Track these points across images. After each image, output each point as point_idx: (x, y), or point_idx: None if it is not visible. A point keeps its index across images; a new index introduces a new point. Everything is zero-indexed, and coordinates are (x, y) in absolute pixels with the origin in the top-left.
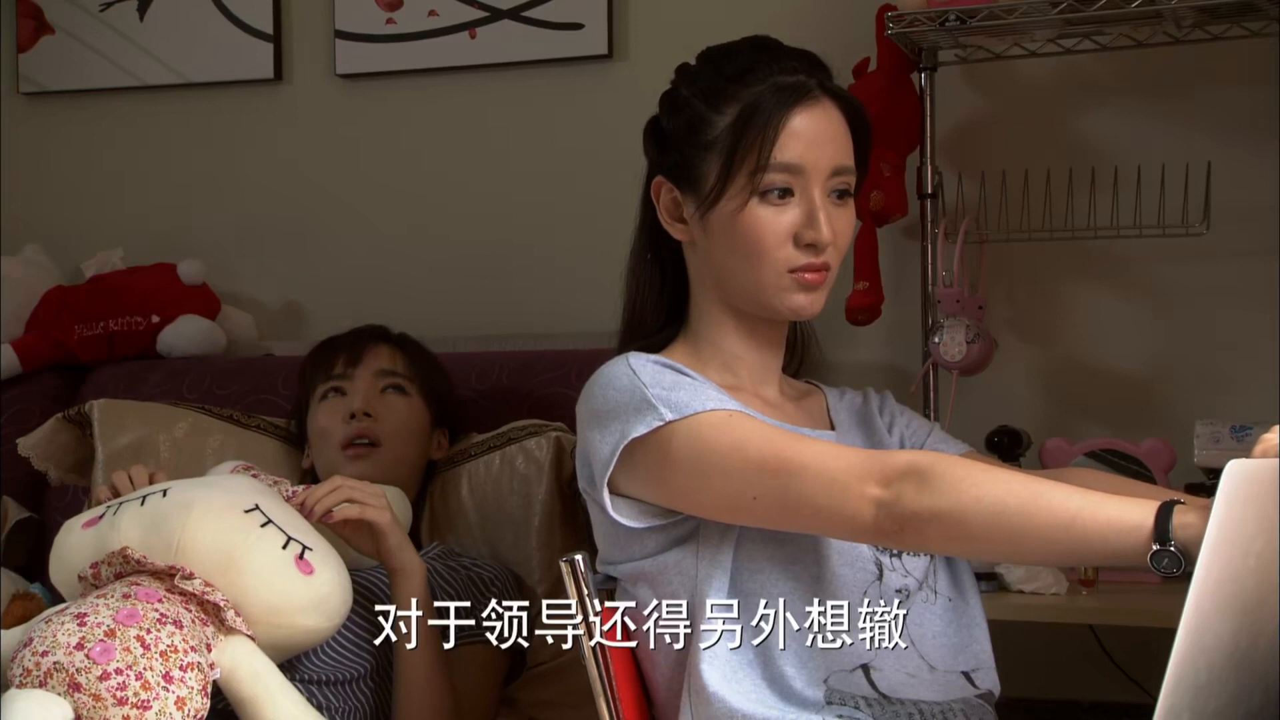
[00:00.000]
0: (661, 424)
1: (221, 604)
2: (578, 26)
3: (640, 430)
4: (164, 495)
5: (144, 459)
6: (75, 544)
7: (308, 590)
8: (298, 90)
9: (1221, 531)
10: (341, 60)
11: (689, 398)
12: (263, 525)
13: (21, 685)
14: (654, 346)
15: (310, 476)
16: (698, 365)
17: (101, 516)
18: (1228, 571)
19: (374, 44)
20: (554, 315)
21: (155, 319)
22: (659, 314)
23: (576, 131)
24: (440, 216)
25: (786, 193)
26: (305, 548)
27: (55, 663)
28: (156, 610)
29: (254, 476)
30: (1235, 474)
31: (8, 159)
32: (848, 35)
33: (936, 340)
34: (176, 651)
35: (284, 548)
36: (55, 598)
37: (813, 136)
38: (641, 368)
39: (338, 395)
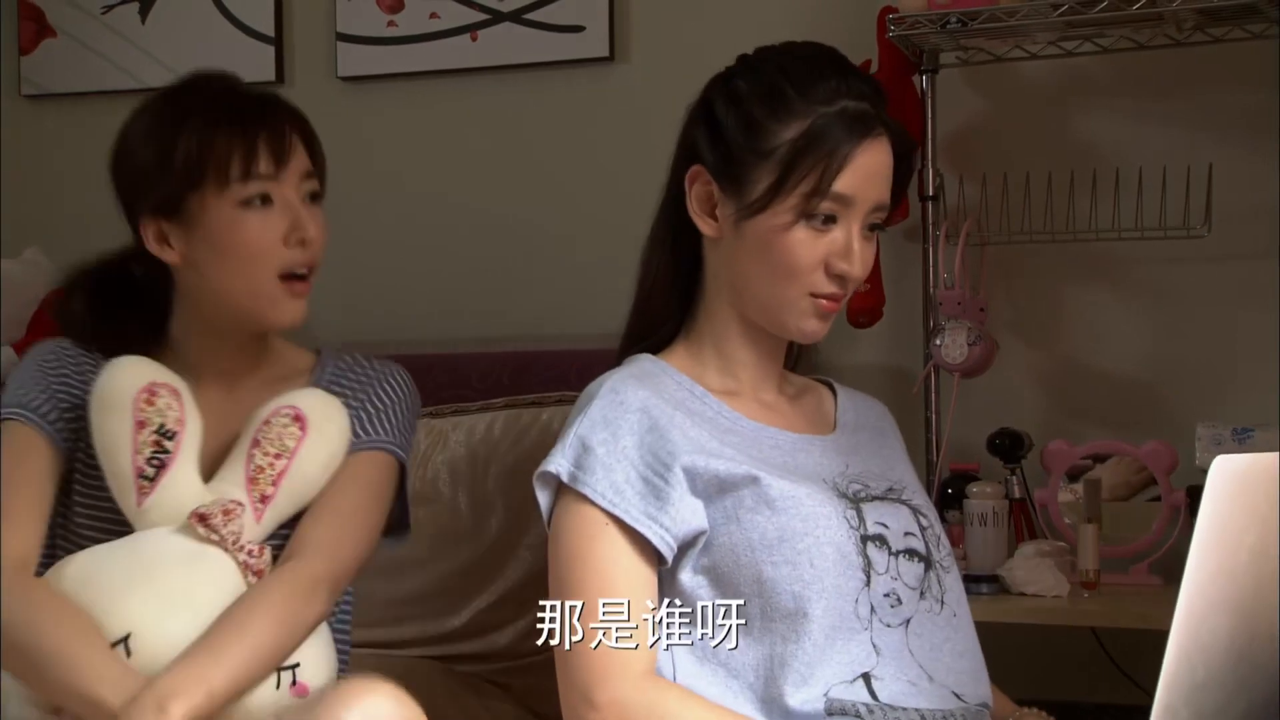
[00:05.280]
0: (557, 475)
1: None
2: (579, 29)
3: (548, 466)
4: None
5: None
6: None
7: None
8: (299, 92)
9: (1211, 528)
10: (343, 63)
11: (588, 471)
12: None
13: None
14: (655, 345)
15: (191, 330)
16: (697, 368)
17: None
18: (1221, 568)
19: (375, 46)
20: (554, 317)
21: None
22: (670, 304)
23: (577, 134)
24: (440, 218)
25: (830, 220)
26: (294, 667)
27: None
28: None
29: (213, 539)
30: (1223, 470)
31: (9, 161)
32: (848, 37)
33: (938, 342)
34: None
35: (277, 688)
36: None
37: (868, 170)
38: (602, 401)
39: (264, 204)
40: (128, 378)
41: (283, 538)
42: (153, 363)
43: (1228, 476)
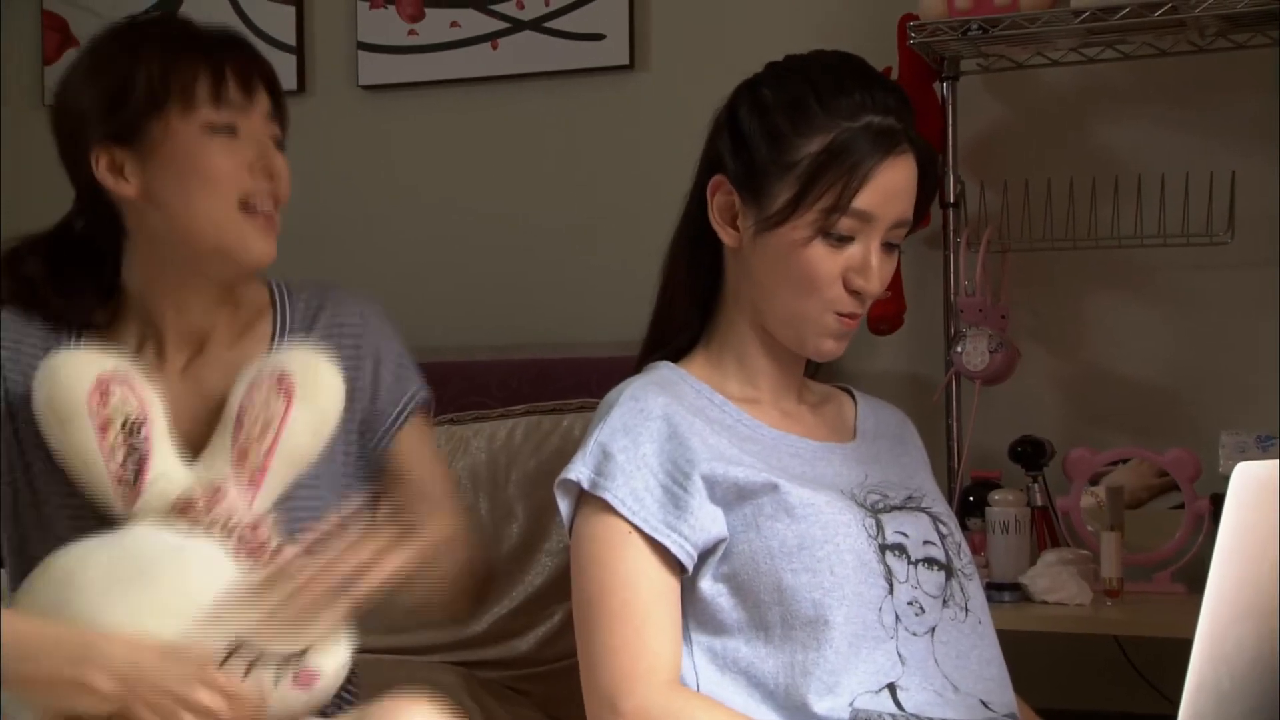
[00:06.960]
0: (578, 482)
1: None
2: (599, 37)
3: (569, 474)
4: None
5: None
6: None
7: (311, 698)
8: (320, 101)
9: (1234, 536)
10: (364, 71)
11: (609, 478)
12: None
13: None
14: (675, 353)
15: (150, 285)
16: (717, 377)
17: None
18: (1245, 577)
19: (396, 55)
20: (574, 324)
21: None
22: (690, 312)
23: (597, 142)
24: (461, 226)
25: (849, 237)
26: (299, 654)
27: None
28: None
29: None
30: (1245, 477)
31: (36, 169)
32: (869, 45)
33: (959, 349)
34: None
35: (276, 685)
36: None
37: (890, 188)
38: (622, 408)
39: (229, 135)
40: (72, 380)
41: (287, 510)
42: (89, 352)
43: (1250, 483)
